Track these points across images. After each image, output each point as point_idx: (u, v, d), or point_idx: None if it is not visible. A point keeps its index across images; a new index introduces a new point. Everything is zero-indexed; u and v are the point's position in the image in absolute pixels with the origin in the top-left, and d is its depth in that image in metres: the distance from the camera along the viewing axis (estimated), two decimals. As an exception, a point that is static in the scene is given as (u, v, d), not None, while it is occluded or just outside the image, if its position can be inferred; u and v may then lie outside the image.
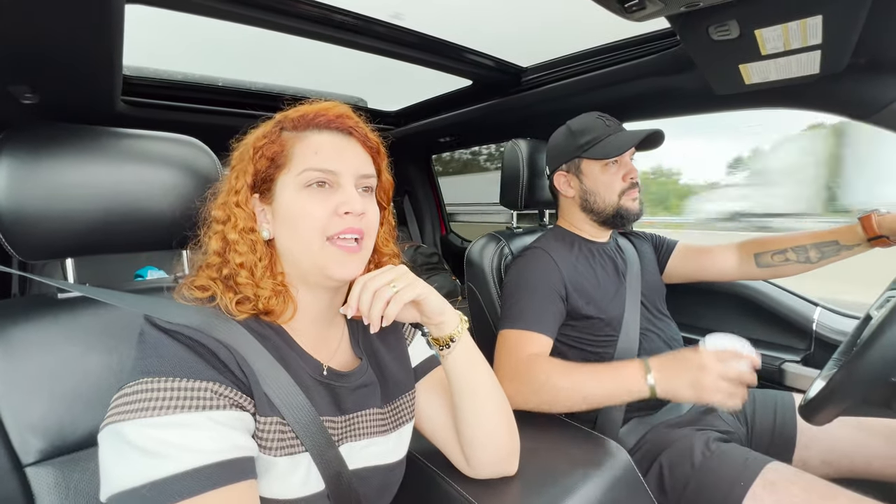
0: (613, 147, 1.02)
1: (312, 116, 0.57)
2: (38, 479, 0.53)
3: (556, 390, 0.84)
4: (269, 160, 0.55)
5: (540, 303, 0.97)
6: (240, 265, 0.53)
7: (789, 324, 1.30)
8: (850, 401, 0.64)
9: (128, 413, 0.42)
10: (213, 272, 0.54)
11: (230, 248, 0.54)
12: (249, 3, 0.85)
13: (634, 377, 0.81)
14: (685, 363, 0.79)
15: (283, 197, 0.55)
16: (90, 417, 0.57)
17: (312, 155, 0.55)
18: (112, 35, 0.60)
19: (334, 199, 0.54)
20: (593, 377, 0.84)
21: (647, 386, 0.80)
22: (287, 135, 0.57)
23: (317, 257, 0.54)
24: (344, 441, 0.57)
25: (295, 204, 0.54)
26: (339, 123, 0.58)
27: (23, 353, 0.55)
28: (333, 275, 0.55)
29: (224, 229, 0.55)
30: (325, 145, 0.56)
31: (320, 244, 0.54)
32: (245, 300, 0.53)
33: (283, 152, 0.55)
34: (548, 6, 1.15)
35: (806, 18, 0.68)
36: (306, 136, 0.56)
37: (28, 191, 0.56)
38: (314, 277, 0.56)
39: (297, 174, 0.54)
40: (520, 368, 0.88)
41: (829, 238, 1.02)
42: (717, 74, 0.94)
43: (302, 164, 0.54)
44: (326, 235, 0.54)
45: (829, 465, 0.95)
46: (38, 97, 0.71)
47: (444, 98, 1.65)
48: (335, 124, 0.57)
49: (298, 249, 0.55)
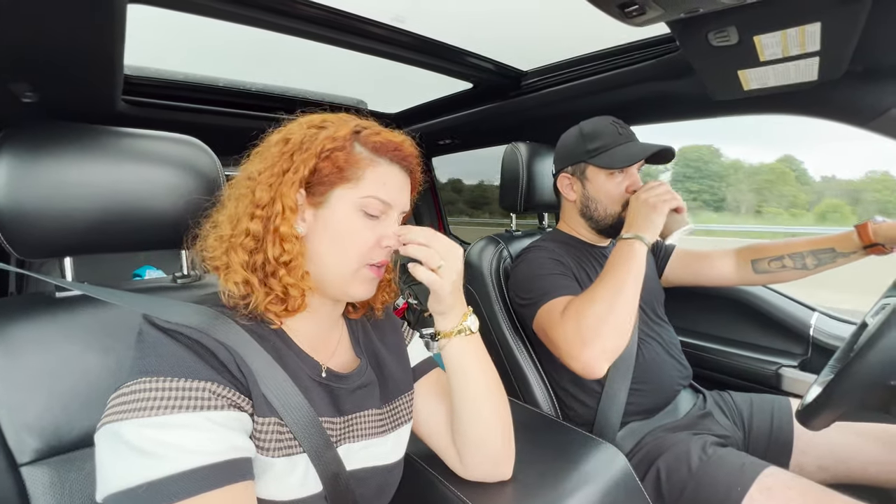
0: (620, 158, 1.01)
1: (393, 148, 0.57)
2: (34, 479, 0.53)
3: (594, 313, 0.84)
4: (337, 168, 0.54)
5: (557, 277, 0.99)
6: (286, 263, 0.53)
7: (787, 329, 1.31)
8: (847, 405, 0.64)
9: (125, 413, 0.42)
10: (244, 255, 0.53)
11: (274, 240, 0.52)
12: (251, 3, 0.85)
13: (631, 250, 0.89)
14: (636, 209, 0.94)
15: (338, 209, 0.55)
16: (87, 417, 0.57)
17: (381, 185, 0.56)
18: (114, 34, 0.60)
19: (380, 229, 0.56)
20: (604, 283, 0.87)
21: (645, 245, 0.89)
22: (361, 152, 0.56)
23: (348, 277, 0.56)
24: (342, 442, 0.57)
25: (348, 222, 0.55)
26: (408, 162, 0.60)
27: (20, 351, 0.55)
28: (355, 295, 0.57)
29: (268, 215, 0.53)
30: (392, 179, 0.58)
31: (357, 266, 0.56)
32: (276, 300, 0.53)
33: (354, 168, 0.55)
34: (548, 11, 1.15)
35: (805, 25, 0.69)
36: (381, 163, 0.57)
37: (28, 189, 0.56)
38: (332, 290, 0.57)
39: (361, 196, 0.55)
40: (568, 326, 0.86)
41: (825, 245, 1.03)
42: (715, 80, 0.95)
43: (370, 189, 0.55)
44: (365, 262, 0.56)
45: (825, 470, 0.95)
46: (38, 95, 0.71)
47: (444, 100, 1.65)
48: (406, 162, 0.59)
49: (334, 263, 0.56)
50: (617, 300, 0.83)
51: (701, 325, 1.47)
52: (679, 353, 1.11)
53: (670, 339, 1.11)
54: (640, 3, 0.63)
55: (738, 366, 1.32)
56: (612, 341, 0.83)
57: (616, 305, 0.83)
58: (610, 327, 0.82)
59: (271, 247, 0.52)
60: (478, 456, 0.67)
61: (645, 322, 1.08)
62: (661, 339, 1.08)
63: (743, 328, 1.40)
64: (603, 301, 0.84)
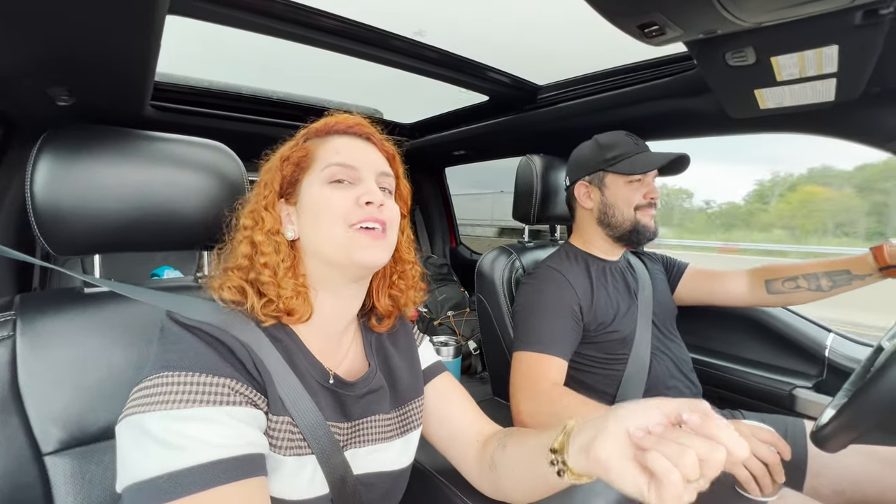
0: (641, 164, 1.03)
1: (333, 124, 0.62)
2: (56, 469, 0.55)
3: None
4: (294, 165, 0.59)
5: (555, 324, 0.98)
6: (263, 265, 0.55)
7: (801, 349, 1.29)
8: (863, 428, 0.63)
9: (148, 405, 0.43)
10: (242, 274, 0.56)
11: (257, 251, 0.56)
12: (277, 16, 0.89)
13: None
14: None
15: (309, 193, 0.58)
16: (109, 410, 0.58)
17: (334, 154, 0.59)
18: (150, 44, 0.62)
19: (356, 191, 0.57)
20: None
21: None
22: (310, 142, 0.61)
23: (341, 242, 0.55)
24: (350, 446, 0.58)
25: (320, 196, 0.57)
26: (358, 129, 0.62)
27: (48, 344, 0.57)
28: (359, 258, 0.55)
29: (252, 233, 0.57)
30: (345, 146, 0.60)
31: (343, 230, 0.56)
32: (269, 302, 0.54)
33: (307, 156, 0.59)
34: (565, 27, 1.18)
35: (822, 48, 0.69)
36: (328, 139, 0.61)
37: (65, 189, 0.58)
38: (340, 263, 0.56)
39: (320, 171, 0.58)
40: (540, 397, 0.88)
41: (840, 267, 1.02)
42: (731, 98, 0.95)
43: (325, 161, 0.58)
44: (349, 223, 0.56)
45: (840, 494, 0.93)
46: (73, 99, 0.73)
47: (459, 112, 1.68)
48: (353, 130, 0.62)
49: (322, 239, 0.56)
50: None
51: (713, 343, 1.46)
52: (690, 370, 1.10)
53: (681, 356, 1.10)
54: (659, 24, 0.64)
55: (750, 385, 1.30)
56: None
57: None
58: None
59: (259, 256, 0.56)
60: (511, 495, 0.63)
61: (657, 337, 1.07)
62: (672, 354, 1.07)
63: (756, 347, 1.38)
64: None
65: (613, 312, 1.03)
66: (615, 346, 1.01)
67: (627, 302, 1.07)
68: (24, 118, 0.95)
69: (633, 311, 1.06)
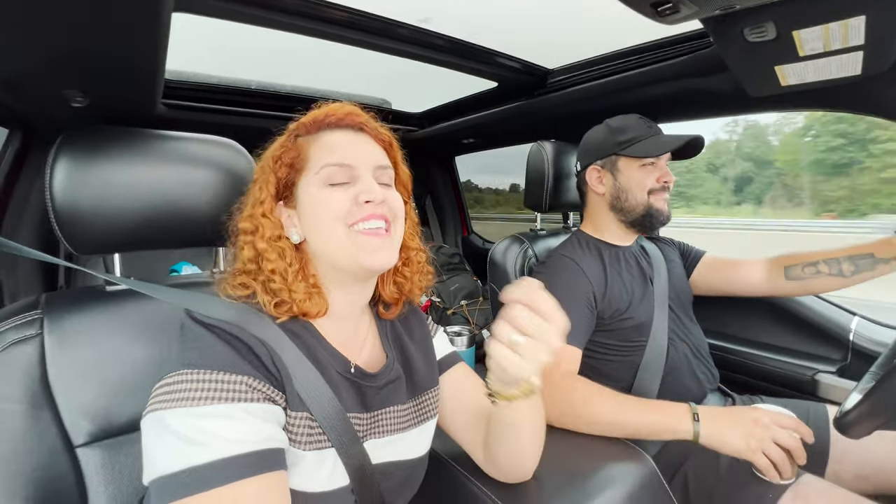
0: (654, 146, 1.01)
1: (323, 118, 0.59)
2: (87, 460, 0.57)
3: (593, 415, 0.84)
4: (288, 167, 0.58)
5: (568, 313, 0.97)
6: (272, 272, 0.55)
7: (824, 333, 1.26)
8: (890, 413, 0.62)
9: (170, 402, 0.44)
10: (251, 276, 0.56)
11: (262, 258, 0.56)
12: (281, 8, 0.88)
13: (681, 419, 0.81)
14: (738, 414, 0.80)
15: (307, 196, 0.57)
16: (135, 403, 0.60)
17: (329, 153, 0.57)
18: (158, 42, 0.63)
19: (354, 190, 0.56)
20: (636, 409, 0.84)
21: (693, 431, 0.79)
22: (302, 140, 0.59)
23: (345, 245, 0.55)
24: (368, 437, 0.58)
25: (320, 198, 0.56)
26: (349, 121, 0.60)
27: (74, 341, 0.59)
28: (365, 263, 0.55)
29: (253, 240, 0.56)
30: (338, 142, 0.58)
31: (345, 231, 0.55)
32: (282, 303, 0.55)
33: (300, 156, 0.58)
34: (575, 8, 1.14)
35: (848, 19, 0.66)
36: (320, 136, 0.59)
37: (83, 190, 0.59)
38: (349, 268, 0.57)
39: (316, 172, 0.56)
40: (554, 386, 0.87)
41: (864, 251, 0.98)
42: (751, 76, 0.92)
43: (320, 162, 0.57)
44: (349, 223, 0.55)
45: (863, 479, 0.91)
46: (88, 100, 0.75)
47: (468, 100, 1.65)
48: (345, 122, 0.60)
49: (326, 242, 0.56)
50: (623, 432, 0.83)
51: (731, 328, 1.43)
52: (707, 355, 1.09)
53: (698, 342, 1.08)
54: (673, 2, 0.62)
55: (771, 370, 1.28)
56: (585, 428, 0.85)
57: (617, 431, 0.83)
58: (595, 430, 0.84)
59: (265, 262, 0.55)
60: (509, 470, 0.67)
61: (675, 321, 1.06)
62: (689, 340, 1.05)
63: (777, 331, 1.35)
64: (609, 413, 0.84)
65: (629, 299, 1.02)
66: (631, 334, 1.00)
67: (643, 288, 1.05)
68: (42, 121, 0.98)
69: (650, 298, 1.04)
